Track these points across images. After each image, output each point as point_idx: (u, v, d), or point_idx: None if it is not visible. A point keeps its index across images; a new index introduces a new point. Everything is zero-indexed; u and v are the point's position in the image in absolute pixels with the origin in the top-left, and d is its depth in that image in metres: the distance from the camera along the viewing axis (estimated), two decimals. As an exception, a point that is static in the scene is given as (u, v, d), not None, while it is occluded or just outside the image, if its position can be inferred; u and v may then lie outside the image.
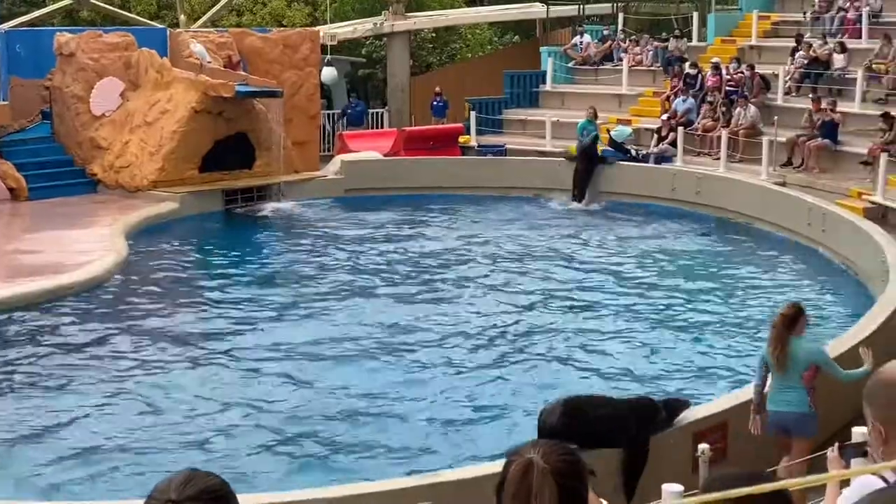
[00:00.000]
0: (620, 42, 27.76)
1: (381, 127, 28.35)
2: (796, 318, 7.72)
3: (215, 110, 19.17)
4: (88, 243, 15.37)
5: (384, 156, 22.61)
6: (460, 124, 25.95)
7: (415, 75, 31.85)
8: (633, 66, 26.23)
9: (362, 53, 34.06)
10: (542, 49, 29.47)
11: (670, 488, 5.83)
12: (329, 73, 25.22)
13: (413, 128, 26.41)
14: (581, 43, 28.23)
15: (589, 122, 21.04)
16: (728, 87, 22.92)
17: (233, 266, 15.77)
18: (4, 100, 20.78)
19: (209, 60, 20.08)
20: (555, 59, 27.69)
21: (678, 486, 5.82)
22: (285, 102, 20.35)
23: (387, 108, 30.24)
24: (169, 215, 18.15)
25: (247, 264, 15.98)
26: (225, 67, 20.40)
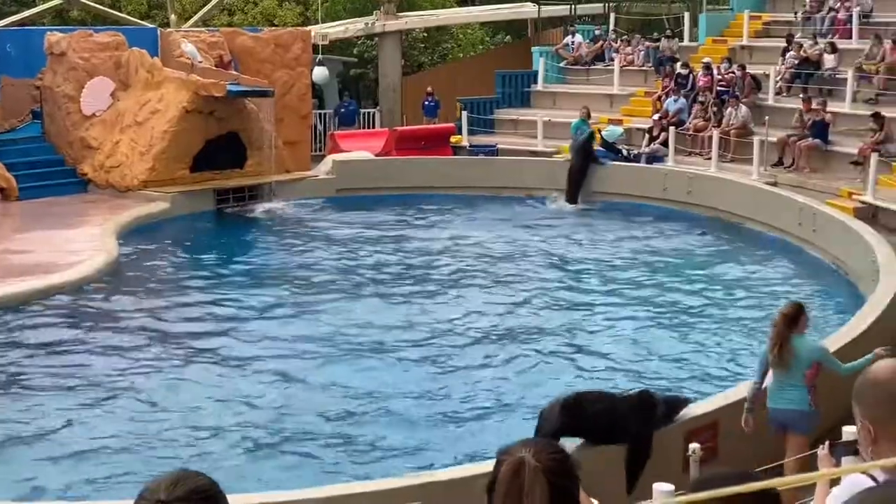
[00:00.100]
0: (612, 42, 27.78)
1: (373, 127, 28.35)
2: (797, 317, 7.76)
3: (206, 110, 19.14)
4: (79, 243, 15.33)
5: (376, 156, 22.61)
6: (452, 124, 25.96)
7: (406, 75, 31.86)
8: (624, 66, 26.26)
9: (354, 53, 34.04)
10: (533, 49, 29.51)
11: (661, 487, 5.85)
12: (320, 72, 25.22)
13: (405, 127, 26.43)
14: (573, 43, 28.24)
15: (582, 121, 21.31)
16: (719, 87, 22.98)
17: (224, 266, 15.76)
18: (-5, 99, 20.76)
19: (200, 60, 20.04)
20: (546, 58, 27.69)
21: (669, 486, 5.83)
22: (277, 102, 20.32)
23: (378, 107, 30.23)
24: (160, 215, 18.11)
25: (238, 264, 15.97)
26: (216, 67, 20.35)
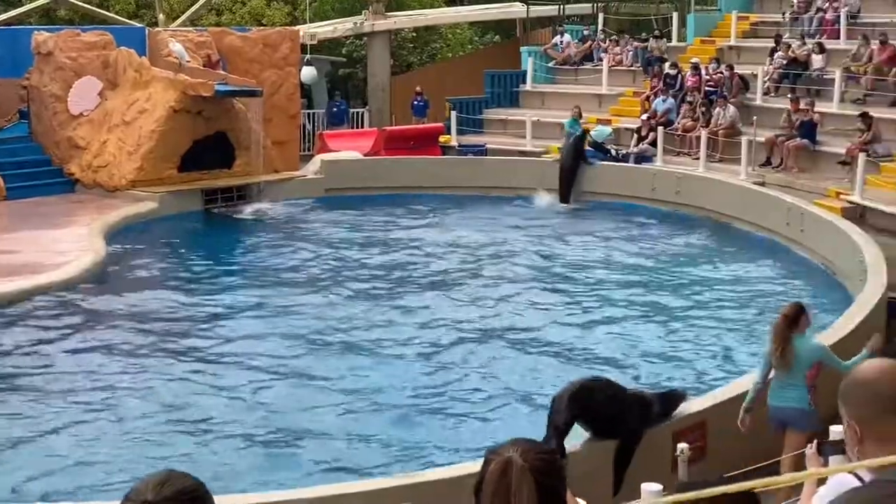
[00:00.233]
0: (600, 42, 27.82)
1: (362, 126, 28.33)
2: (798, 318, 7.81)
3: (194, 109, 19.09)
4: (66, 243, 15.28)
5: (364, 155, 22.59)
6: (441, 124, 25.96)
7: (395, 75, 31.85)
8: (613, 66, 26.30)
9: (342, 53, 34.01)
10: (522, 49, 29.53)
11: (649, 487, 5.86)
12: (309, 72, 25.18)
13: (393, 127, 26.42)
14: (561, 43, 28.27)
15: (574, 121, 21.57)
16: (707, 88, 23.03)
17: (212, 266, 15.73)
18: (-19, 99, 20.68)
19: (188, 60, 20.00)
20: (535, 58, 27.72)
21: (657, 486, 5.84)
22: (265, 102, 20.30)
23: (367, 107, 30.21)
24: (148, 215, 18.06)
25: (226, 264, 15.95)
26: (204, 66, 20.31)
